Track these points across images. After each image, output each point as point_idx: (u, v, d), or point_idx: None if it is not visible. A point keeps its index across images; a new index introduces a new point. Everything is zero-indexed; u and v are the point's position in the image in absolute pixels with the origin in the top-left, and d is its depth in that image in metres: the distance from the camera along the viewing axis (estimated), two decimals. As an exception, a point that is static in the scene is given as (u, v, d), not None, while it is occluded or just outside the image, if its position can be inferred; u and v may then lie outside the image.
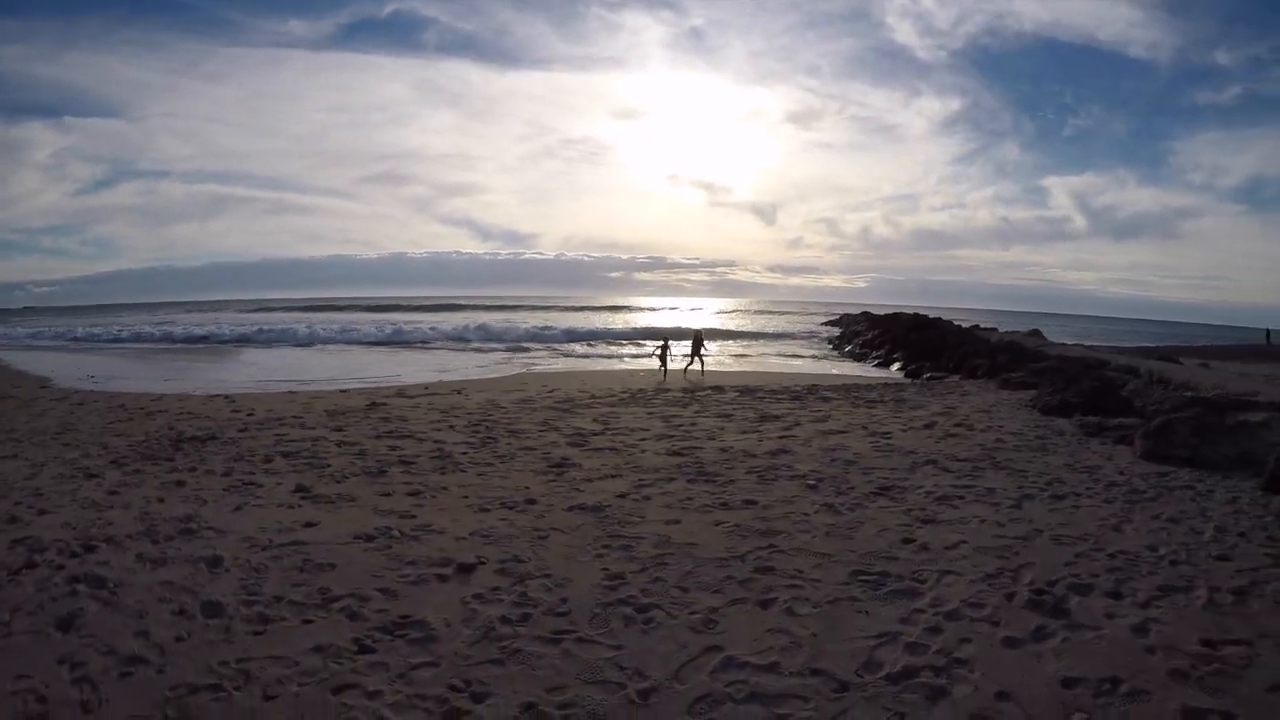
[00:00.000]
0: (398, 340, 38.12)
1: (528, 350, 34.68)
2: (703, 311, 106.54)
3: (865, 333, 39.71)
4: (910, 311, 50.09)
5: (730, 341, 40.05)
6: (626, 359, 30.91)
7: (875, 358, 30.61)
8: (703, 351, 22.81)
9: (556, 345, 37.85)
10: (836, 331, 51.05)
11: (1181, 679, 4.03)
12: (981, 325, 43.80)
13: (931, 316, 42.50)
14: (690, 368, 22.26)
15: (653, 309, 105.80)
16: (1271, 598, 5.14)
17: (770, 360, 30.28)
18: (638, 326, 51.95)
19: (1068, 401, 13.55)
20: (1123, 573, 5.55)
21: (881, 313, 55.25)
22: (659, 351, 22.15)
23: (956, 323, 42.18)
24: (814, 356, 33.67)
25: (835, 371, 26.06)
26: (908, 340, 30.78)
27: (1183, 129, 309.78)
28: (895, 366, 27.31)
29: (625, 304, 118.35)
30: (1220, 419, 9.71)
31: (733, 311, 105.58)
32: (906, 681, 3.99)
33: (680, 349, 25.19)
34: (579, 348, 36.67)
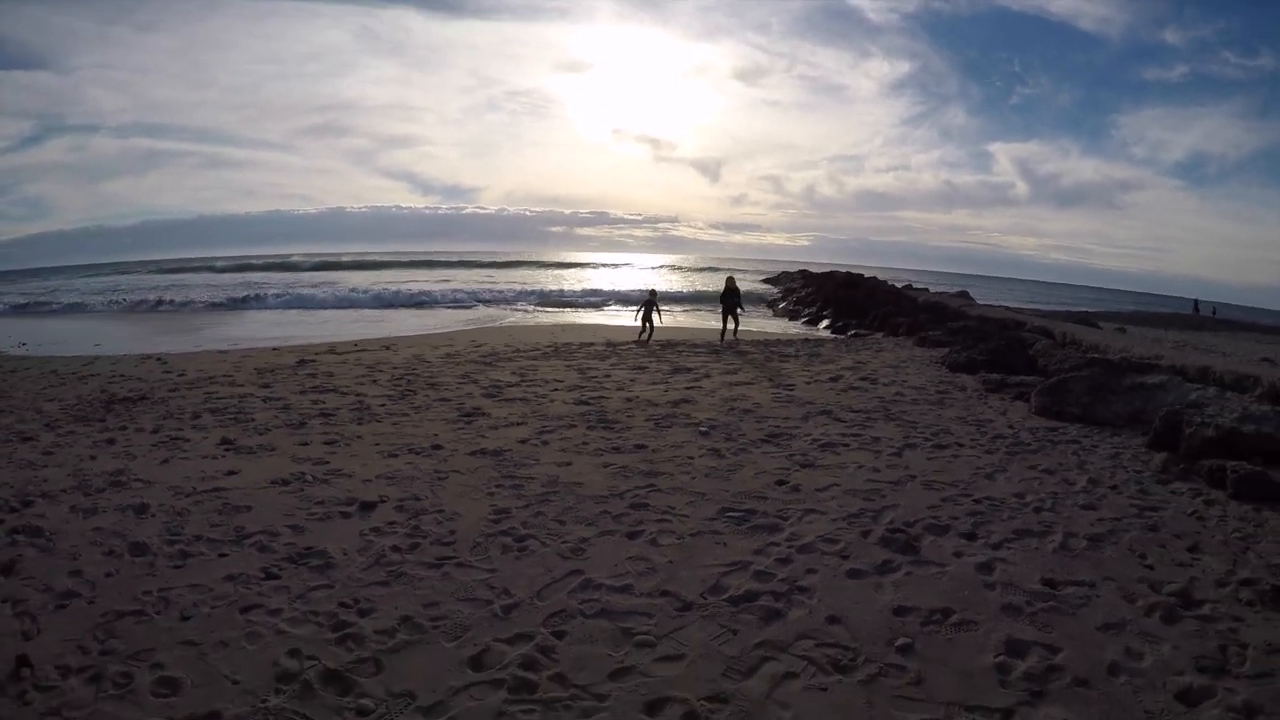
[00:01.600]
0: (336, 302, 37.33)
1: (466, 307, 34.65)
2: (637, 267, 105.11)
3: (799, 290, 40.22)
4: (851, 270, 50.12)
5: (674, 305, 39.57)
6: (568, 312, 31.23)
7: (806, 315, 31.02)
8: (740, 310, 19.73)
9: (497, 303, 37.39)
10: (774, 289, 51.36)
11: (1014, 613, 4.39)
12: (914, 285, 44.69)
13: (868, 276, 43.01)
14: (727, 328, 19.40)
15: (598, 265, 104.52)
16: (1126, 545, 5.46)
17: (704, 315, 30.48)
18: (581, 288, 51.07)
19: (974, 359, 14.04)
20: (983, 516, 5.97)
21: (820, 271, 55.59)
22: (642, 308, 19.02)
23: (893, 283, 42.97)
24: (746, 313, 33.64)
25: (763, 328, 26.59)
26: (838, 298, 31.31)
27: (1128, 103, 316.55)
28: (824, 324, 27.82)
29: (570, 260, 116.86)
30: (1118, 379, 10.13)
31: (675, 268, 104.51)
32: (746, 604, 4.48)
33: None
34: (518, 305, 36.38)
